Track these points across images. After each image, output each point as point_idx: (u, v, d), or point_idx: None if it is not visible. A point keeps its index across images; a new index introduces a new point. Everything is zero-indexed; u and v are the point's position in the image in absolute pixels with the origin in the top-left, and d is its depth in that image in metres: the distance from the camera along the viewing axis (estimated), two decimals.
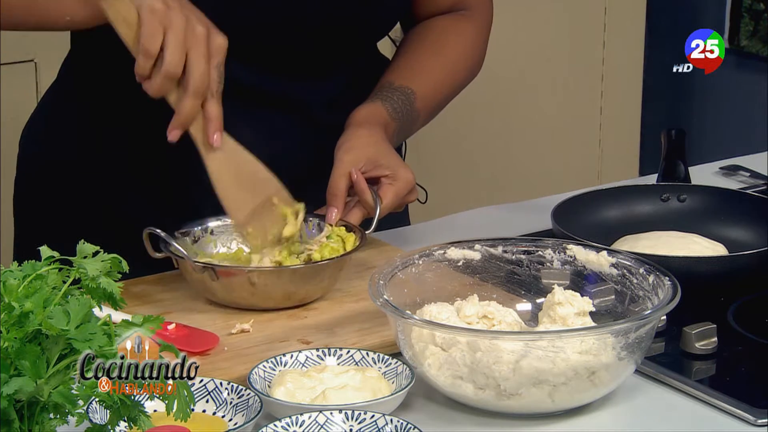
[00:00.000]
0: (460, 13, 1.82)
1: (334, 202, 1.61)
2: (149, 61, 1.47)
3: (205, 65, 1.48)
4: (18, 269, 1.09)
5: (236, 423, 1.26)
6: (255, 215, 1.55)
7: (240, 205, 1.55)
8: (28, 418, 1.05)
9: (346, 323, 1.49)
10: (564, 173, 3.62)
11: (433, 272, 1.46)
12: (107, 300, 1.10)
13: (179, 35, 1.47)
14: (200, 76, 1.48)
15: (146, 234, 1.53)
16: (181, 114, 1.49)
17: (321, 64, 1.71)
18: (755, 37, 3.65)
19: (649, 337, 1.33)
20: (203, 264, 1.51)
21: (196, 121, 1.51)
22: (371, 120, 1.67)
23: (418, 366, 1.32)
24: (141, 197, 1.72)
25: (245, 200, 1.55)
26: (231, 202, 1.54)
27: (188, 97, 1.48)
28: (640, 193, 1.83)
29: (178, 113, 1.50)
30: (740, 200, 1.80)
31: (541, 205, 1.85)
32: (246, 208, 1.55)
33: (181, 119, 1.50)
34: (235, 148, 1.54)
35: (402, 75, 1.75)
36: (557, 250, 1.48)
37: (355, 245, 1.58)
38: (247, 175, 1.55)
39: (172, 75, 1.47)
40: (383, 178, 1.64)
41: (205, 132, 1.51)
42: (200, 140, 1.52)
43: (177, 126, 1.50)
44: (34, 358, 1.03)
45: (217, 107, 1.51)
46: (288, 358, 1.36)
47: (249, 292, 1.50)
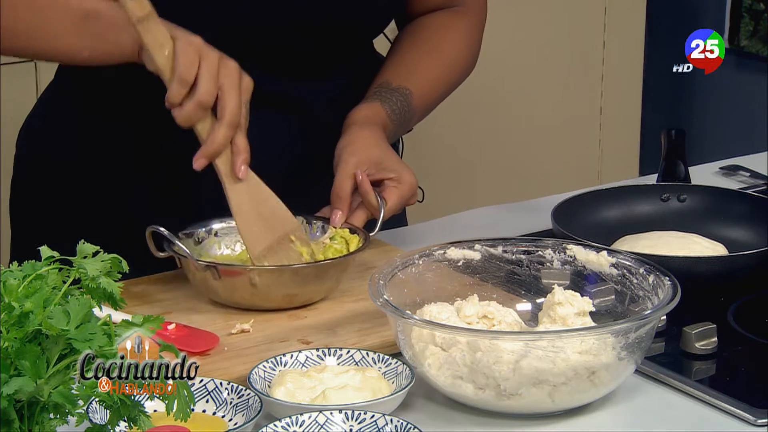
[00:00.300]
0: (454, 10, 1.82)
1: (339, 205, 1.61)
2: (183, 89, 1.48)
3: (238, 99, 1.50)
4: (18, 269, 1.09)
5: (236, 423, 1.26)
6: (271, 250, 1.55)
7: (258, 239, 1.55)
8: (28, 418, 1.05)
9: (346, 323, 1.49)
10: (564, 173, 3.62)
11: (433, 272, 1.46)
12: (107, 300, 1.10)
13: (213, 67, 1.49)
14: (235, 108, 1.50)
15: (149, 233, 1.53)
16: (213, 144, 1.51)
17: (319, 64, 1.71)
18: (755, 37, 3.65)
19: (649, 337, 1.33)
20: (206, 263, 1.51)
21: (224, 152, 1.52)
22: (371, 121, 1.67)
23: (418, 366, 1.32)
24: (140, 197, 1.72)
25: (264, 235, 1.56)
26: (249, 235, 1.55)
27: (222, 127, 1.50)
28: (640, 193, 1.83)
29: (210, 143, 1.51)
30: (740, 200, 1.80)
31: (541, 205, 1.85)
32: (264, 243, 1.55)
33: (212, 149, 1.51)
34: (257, 182, 1.55)
35: (399, 74, 1.75)
36: (557, 250, 1.48)
37: (358, 246, 1.58)
38: (267, 210, 1.56)
39: (206, 104, 1.49)
40: (387, 181, 1.64)
41: (232, 164, 1.52)
42: (225, 172, 1.53)
43: (206, 155, 1.51)
44: (34, 358, 1.03)
45: (245, 141, 1.53)
46: (288, 358, 1.36)
47: (250, 292, 1.50)
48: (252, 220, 1.55)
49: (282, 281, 1.51)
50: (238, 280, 1.50)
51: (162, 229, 1.52)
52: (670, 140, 1.91)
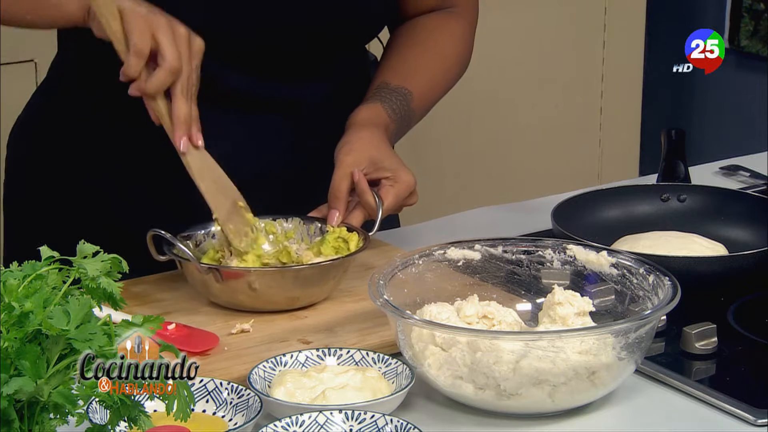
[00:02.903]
0: (447, 11, 1.82)
1: (336, 205, 1.61)
2: (141, 62, 1.48)
3: (190, 65, 1.51)
4: (18, 269, 1.09)
5: (236, 423, 1.26)
6: (230, 215, 1.56)
7: (221, 204, 1.56)
8: (28, 418, 1.05)
9: (346, 323, 1.49)
10: (564, 173, 3.62)
11: (433, 272, 1.46)
12: (107, 300, 1.10)
13: (169, 35, 1.49)
14: (189, 77, 1.50)
15: (150, 236, 1.53)
16: (181, 117, 1.51)
17: (311, 67, 1.71)
18: (755, 37, 3.65)
19: (649, 337, 1.33)
20: (208, 266, 1.51)
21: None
22: (372, 122, 1.67)
23: (418, 366, 1.32)
24: (136, 199, 1.71)
25: (223, 199, 1.57)
26: (213, 200, 1.56)
27: (183, 99, 1.51)
28: (640, 193, 1.83)
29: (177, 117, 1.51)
30: (740, 200, 1.80)
31: (541, 205, 1.85)
32: (224, 207, 1.57)
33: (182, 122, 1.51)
34: (205, 152, 1.56)
35: (397, 75, 1.75)
36: (557, 250, 1.48)
37: (358, 246, 1.58)
38: (218, 177, 1.58)
39: (177, 70, 1.49)
40: (384, 180, 1.64)
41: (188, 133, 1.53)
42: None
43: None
44: (34, 358, 1.03)
45: (196, 108, 1.53)
46: (288, 358, 1.36)
47: (252, 294, 1.50)
48: (213, 186, 1.56)
49: (284, 283, 1.51)
50: (239, 282, 1.50)
51: (163, 232, 1.52)
52: (670, 140, 1.91)
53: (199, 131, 1.53)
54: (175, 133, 1.52)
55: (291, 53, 1.67)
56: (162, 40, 1.48)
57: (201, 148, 1.54)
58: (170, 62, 1.48)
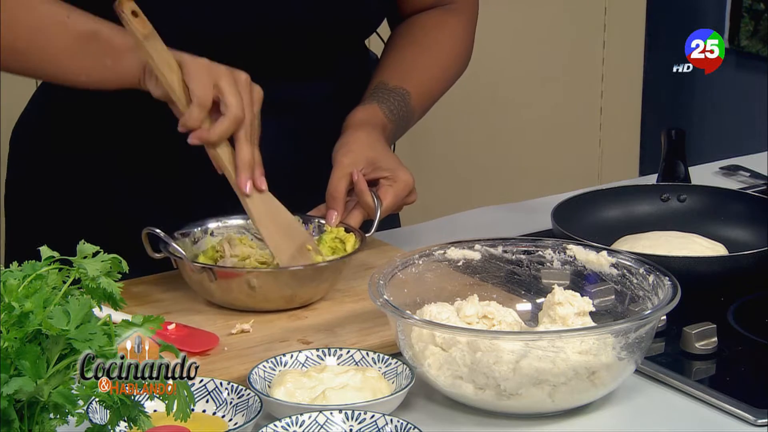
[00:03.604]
0: (446, 8, 1.82)
1: (334, 205, 1.61)
2: (204, 112, 1.49)
3: (252, 112, 1.51)
4: (18, 269, 1.09)
5: (236, 423, 1.26)
6: (294, 260, 1.55)
7: (282, 248, 1.55)
8: (28, 418, 1.05)
9: (346, 323, 1.49)
10: (564, 173, 3.62)
11: (433, 272, 1.46)
12: (107, 300, 1.10)
13: (231, 84, 1.49)
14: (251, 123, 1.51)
15: (145, 234, 1.53)
16: (245, 161, 1.51)
17: (311, 67, 1.71)
18: (755, 37, 3.65)
19: (649, 337, 1.33)
20: (202, 265, 1.51)
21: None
22: (369, 122, 1.68)
23: (418, 366, 1.32)
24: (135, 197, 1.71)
25: (286, 243, 1.56)
26: (274, 244, 1.55)
27: (247, 144, 1.51)
28: (640, 193, 1.83)
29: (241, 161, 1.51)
30: (740, 200, 1.80)
31: (541, 205, 1.85)
32: (288, 251, 1.56)
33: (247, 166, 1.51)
34: (270, 195, 1.56)
35: (396, 75, 1.75)
36: (557, 250, 1.48)
37: (354, 247, 1.58)
38: (284, 220, 1.57)
39: (240, 119, 1.49)
40: (382, 180, 1.64)
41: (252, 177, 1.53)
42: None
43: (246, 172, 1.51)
44: (34, 358, 1.03)
45: (258, 153, 1.53)
46: (288, 358, 1.36)
47: (246, 293, 1.50)
48: (273, 230, 1.55)
49: (278, 283, 1.51)
50: (233, 281, 1.50)
51: (158, 231, 1.52)
52: (670, 140, 1.91)
53: (263, 175, 1.53)
54: (240, 177, 1.52)
55: (291, 53, 1.67)
56: (225, 89, 1.48)
57: (265, 192, 1.54)
58: (234, 112, 1.49)
